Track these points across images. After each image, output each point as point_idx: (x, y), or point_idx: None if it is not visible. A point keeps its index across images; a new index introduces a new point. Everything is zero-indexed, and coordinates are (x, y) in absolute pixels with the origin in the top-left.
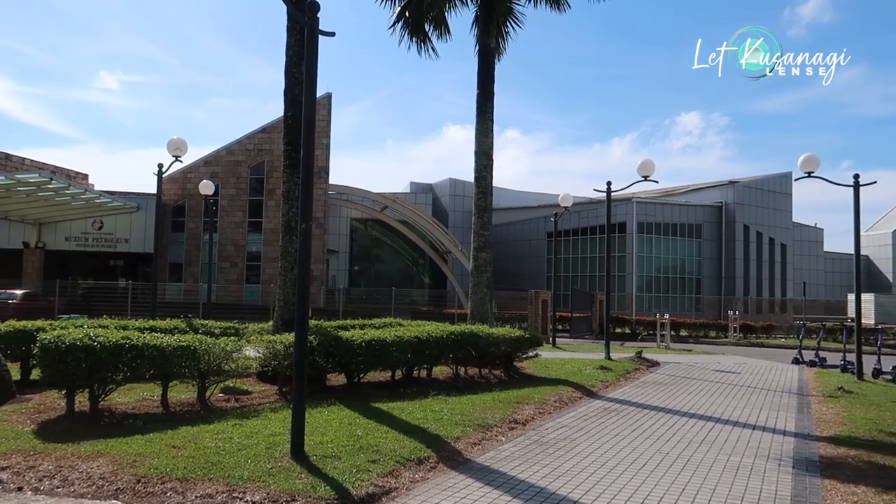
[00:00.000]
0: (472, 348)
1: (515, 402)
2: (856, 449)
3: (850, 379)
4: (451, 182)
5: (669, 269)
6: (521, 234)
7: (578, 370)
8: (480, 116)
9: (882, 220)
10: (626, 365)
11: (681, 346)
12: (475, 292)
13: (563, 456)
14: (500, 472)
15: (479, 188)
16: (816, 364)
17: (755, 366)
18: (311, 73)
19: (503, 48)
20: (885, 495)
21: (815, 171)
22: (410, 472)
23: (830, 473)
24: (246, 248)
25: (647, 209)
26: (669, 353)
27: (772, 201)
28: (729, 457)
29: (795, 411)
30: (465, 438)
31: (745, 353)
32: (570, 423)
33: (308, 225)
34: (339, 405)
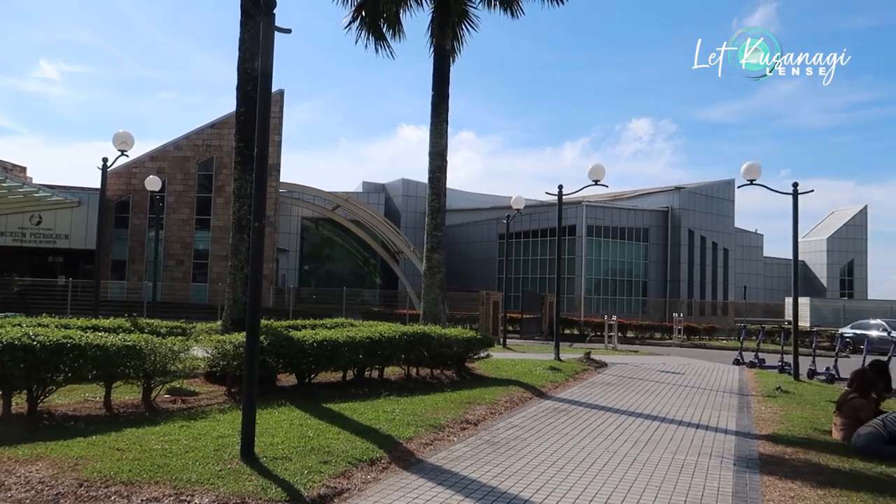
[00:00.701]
0: (425, 349)
1: (467, 402)
2: (792, 447)
3: (788, 379)
4: (404, 182)
5: (617, 271)
6: (473, 236)
7: (529, 371)
8: (435, 118)
9: (817, 228)
10: (575, 366)
11: (627, 347)
12: (428, 293)
13: (514, 455)
14: (452, 472)
15: (432, 189)
16: (756, 365)
17: (698, 366)
18: (266, 69)
19: (458, 50)
20: (819, 490)
21: (757, 179)
22: (363, 473)
23: (769, 470)
24: (193, 245)
25: (596, 213)
26: (617, 355)
27: (715, 207)
28: (674, 455)
29: (736, 410)
30: (418, 439)
31: (688, 355)
32: (520, 423)
33: (262, 223)
34: (289, 406)
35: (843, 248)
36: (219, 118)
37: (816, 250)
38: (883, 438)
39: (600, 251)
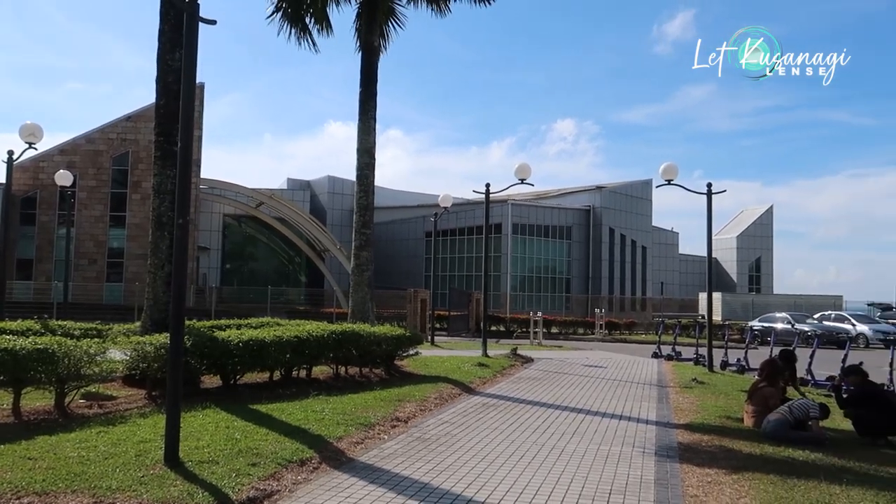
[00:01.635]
0: (354, 347)
1: (397, 400)
2: (708, 434)
3: (703, 371)
4: (330, 180)
5: (542, 269)
6: (400, 234)
7: (457, 367)
8: (363, 115)
9: (728, 226)
10: (503, 361)
11: (552, 342)
12: (356, 291)
13: (444, 451)
14: (383, 470)
15: (360, 186)
16: (673, 358)
17: (620, 360)
18: (190, 61)
19: (385, 47)
20: (734, 475)
21: (674, 179)
22: (293, 474)
23: (687, 457)
24: (107, 244)
25: (521, 211)
26: (542, 350)
27: (634, 206)
28: (599, 445)
29: (656, 401)
30: (348, 438)
31: (610, 349)
32: (450, 420)
33: (185, 220)
34: (214, 408)
35: (751, 246)
36: (135, 111)
37: (727, 248)
38: (790, 424)
39: (525, 249)
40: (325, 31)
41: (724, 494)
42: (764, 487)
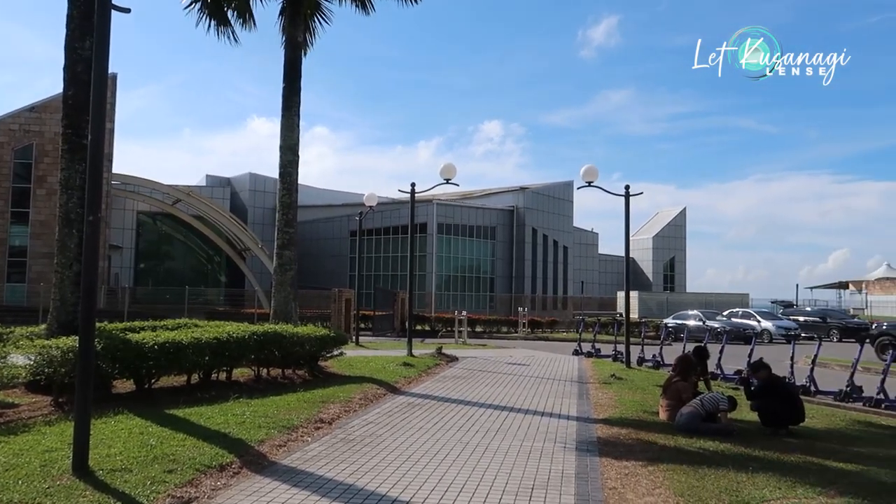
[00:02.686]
0: (276, 348)
1: (321, 401)
2: (626, 428)
3: (621, 367)
4: (252, 177)
5: (466, 268)
6: (325, 233)
7: (382, 367)
8: (286, 111)
9: (645, 227)
10: (428, 361)
11: (477, 341)
12: (279, 291)
13: (369, 452)
14: (307, 473)
15: (283, 184)
16: (593, 354)
17: (542, 358)
18: (102, 50)
19: (311, 43)
20: (649, 466)
21: (594, 181)
22: (212, 480)
23: (606, 451)
24: (8, 241)
25: (446, 211)
26: (467, 349)
27: (556, 207)
28: (522, 442)
29: (577, 397)
30: (270, 441)
31: (533, 347)
32: (375, 420)
33: (96, 217)
34: (127, 414)
35: (666, 246)
36: (40, 101)
37: (643, 248)
38: (701, 416)
39: (450, 248)
40: (248, 25)
41: (641, 485)
42: (677, 477)
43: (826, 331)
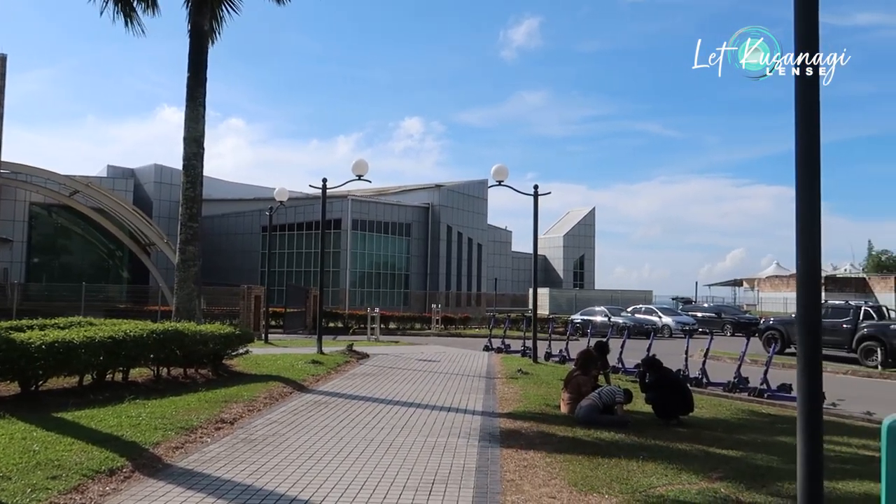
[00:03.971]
0: (178, 347)
1: (223, 401)
2: (529, 421)
3: (528, 362)
4: (157, 168)
5: (381, 265)
6: (236, 228)
7: (290, 365)
8: (191, 101)
9: (556, 225)
10: (338, 358)
11: (390, 338)
12: (182, 288)
13: (271, 452)
14: (203, 475)
15: (187, 177)
16: (503, 350)
17: (453, 354)
18: None
19: (218, 32)
20: (548, 458)
21: (505, 180)
22: (100, 486)
23: (508, 444)
24: None
25: (361, 207)
26: (379, 346)
27: (471, 205)
28: (427, 437)
29: (483, 392)
30: (167, 443)
31: (445, 343)
32: (280, 419)
33: None
34: (10, 418)
35: (576, 245)
36: None
37: (555, 246)
38: (599, 409)
39: (365, 245)
40: (152, 10)
41: (538, 477)
42: (573, 468)
43: (720, 326)
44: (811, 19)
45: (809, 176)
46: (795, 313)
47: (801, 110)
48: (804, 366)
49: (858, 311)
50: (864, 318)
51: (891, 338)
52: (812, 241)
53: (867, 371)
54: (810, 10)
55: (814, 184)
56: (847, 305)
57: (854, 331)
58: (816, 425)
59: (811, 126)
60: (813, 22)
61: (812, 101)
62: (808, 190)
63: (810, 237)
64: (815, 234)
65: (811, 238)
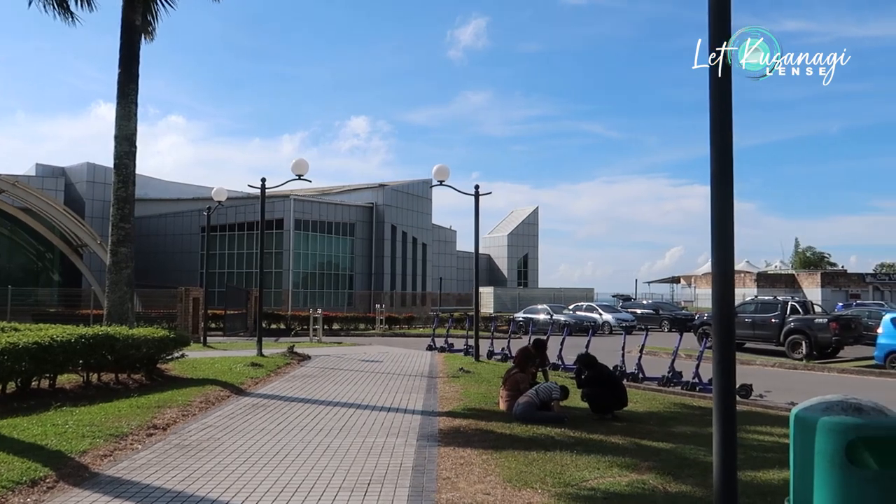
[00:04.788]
0: (108, 352)
1: (156, 406)
2: (468, 420)
3: (470, 360)
4: (90, 167)
5: (325, 265)
6: (175, 228)
7: (229, 368)
8: (122, 98)
9: (501, 225)
10: (278, 360)
11: (333, 339)
12: (113, 290)
13: (205, 457)
14: (132, 482)
15: (119, 176)
16: (446, 349)
17: (396, 354)
18: None
19: (154, 28)
20: (484, 455)
21: (446, 180)
22: (20, 497)
23: (446, 442)
24: None
25: (304, 207)
26: (321, 347)
27: (415, 204)
28: (365, 438)
29: (424, 392)
30: (94, 451)
31: (389, 343)
32: (215, 423)
33: None
34: None
35: (520, 244)
36: None
37: (499, 245)
38: (536, 405)
39: (308, 245)
40: (84, 5)
41: (474, 474)
42: (508, 464)
43: (658, 322)
44: (724, 19)
45: (723, 174)
46: (712, 310)
47: (715, 110)
48: (719, 359)
49: (786, 306)
50: (791, 313)
51: (815, 331)
52: (725, 240)
53: (793, 363)
54: (723, 9)
55: (727, 182)
56: (775, 301)
57: (782, 325)
58: (731, 416)
59: (724, 126)
60: (725, 22)
61: (725, 104)
62: (722, 186)
63: (723, 235)
64: (727, 233)
65: (724, 236)
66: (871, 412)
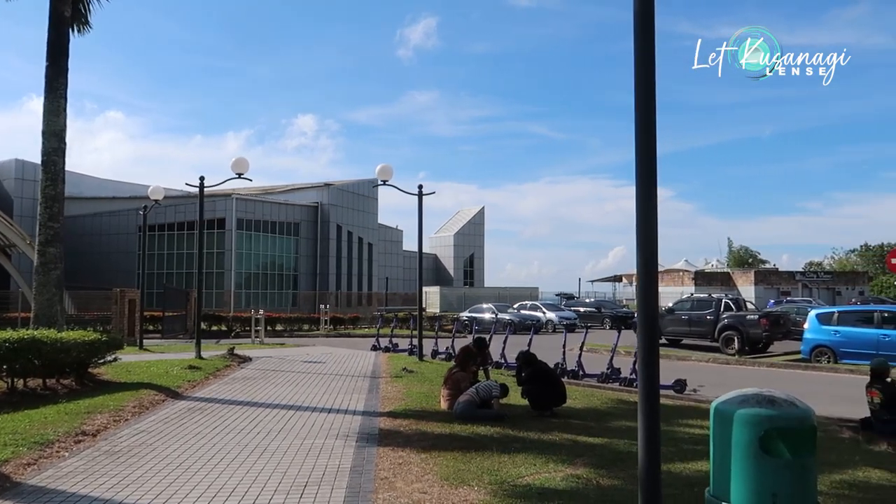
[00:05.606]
0: (35, 357)
1: (86, 412)
2: (408, 420)
3: (414, 360)
4: (19, 164)
5: (269, 265)
6: (111, 227)
7: (165, 372)
8: (50, 93)
9: (447, 224)
10: (217, 362)
11: (276, 340)
12: (41, 293)
13: (136, 463)
14: (57, 491)
15: (47, 174)
16: (390, 349)
17: (340, 354)
18: None
19: (87, 19)
20: (423, 454)
21: (389, 180)
22: None
23: (386, 442)
24: None
25: (247, 206)
26: (263, 348)
27: (361, 204)
28: (304, 440)
29: (366, 392)
30: (17, 460)
31: (333, 344)
32: (149, 428)
33: None
34: None
35: (466, 243)
36: None
37: (445, 245)
38: (476, 404)
39: (251, 245)
40: None
41: (412, 473)
42: (446, 463)
43: (600, 320)
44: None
45: (647, 174)
46: (636, 306)
47: (639, 112)
48: (644, 353)
49: (720, 303)
50: (725, 310)
51: (747, 327)
52: (648, 239)
53: (726, 358)
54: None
55: (651, 182)
56: (710, 298)
57: (716, 321)
58: (654, 409)
59: (649, 129)
60: (649, 32)
61: (650, 103)
62: (646, 187)
63: (647, 234)
64: (651, 232)
65: (648, 235)
66: (784, 404)
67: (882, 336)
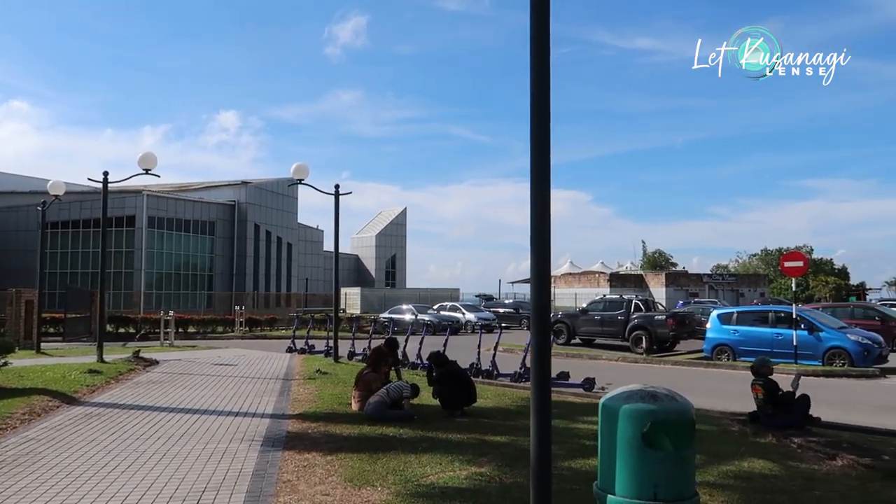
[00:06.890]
0: None
1: None
2: (317, 421)
3: (329, 362)
4: None
5: (182, 265)
6: (9, 224)
7: (62, 376)
8: None
9: (369, 225)
10: (121, 366)
11: (187, 342)
12: None
13: (20, 473)
14: None
15: None
16: (306, 351)
17: (253, 357)
18: None
19: None
20: (329, 456)
21: (305, 179)
22: None
23: (292, 446)
24: None
25: (159, 203)
26: (172, 351)
27: (280, 203)
28: (206, 444)
29: (277, 395)
30: None
31: (248, 346)
32: (39, 436)
33: None
34: None
35: (388, 244)
36: None
37: (367, 245)
38: (387, 404)
39: (163, 244)
40: None
41: (316, 475)
42: (352, 464)
43: (519, 320)
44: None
45: (541, 174)
46: (530, 305)
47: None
48: (537, 352)
49: (630, 304)
50: (635, 311)
51: (655, 327)
52: (542, 238)
53: (636, 357)
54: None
55: (545, 181)
56: (621, 299)
57: (627, 322)
58: (546, 407)
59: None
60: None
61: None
62: (541, 189)
63: (541, 232)
64: (545, 231)
65: (542, 233)
66: (665, 399)
67: (776, 335)
